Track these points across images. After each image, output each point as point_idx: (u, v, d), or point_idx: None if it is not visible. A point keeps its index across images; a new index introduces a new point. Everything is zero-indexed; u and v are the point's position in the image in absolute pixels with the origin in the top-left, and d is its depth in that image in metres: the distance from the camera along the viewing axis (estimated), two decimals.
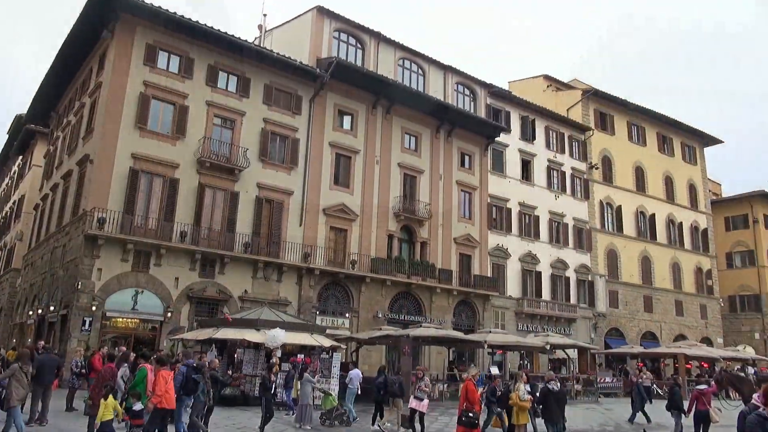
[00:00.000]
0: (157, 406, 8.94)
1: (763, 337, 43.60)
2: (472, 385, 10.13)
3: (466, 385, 10.10)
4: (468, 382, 10.15)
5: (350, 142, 27.88)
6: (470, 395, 9.85)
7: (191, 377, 10.35)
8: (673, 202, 42.67)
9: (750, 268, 45.48)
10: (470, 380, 10.26)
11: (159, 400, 8.91)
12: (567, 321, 34.26)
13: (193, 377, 10.40)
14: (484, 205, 32.46)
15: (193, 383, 10.34)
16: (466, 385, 10.10)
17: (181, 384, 9.99)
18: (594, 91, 39.70)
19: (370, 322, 26.17)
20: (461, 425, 9.77)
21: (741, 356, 33.64)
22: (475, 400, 9.90)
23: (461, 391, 10.15)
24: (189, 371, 10.45)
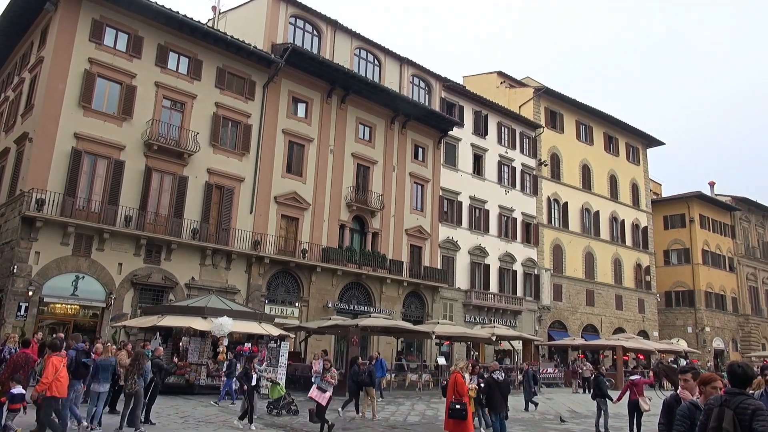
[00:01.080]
0: (46, 394, 8.43)
1: (695, 330, 45.88)
2: (461, 377, 10.22)
3: (454, 377, 10.19)
4: (456, 374, 10.25)
5: (304, 130, 27.60)
6: (459, 387, 9.99)
7: (81, 361, 10.00)
8: (617, 201, 44.22)
9: (685, 265, 47.70)
10: (458, 372, 10.36)
11: (44, 387, 8.42)
12: (513, 313, 35.09)
13: (83, 361, 10.06)
14: (436, 197, 32.79)
15: (83, 367, 10.01)
16: (454, 377, 10.19)
17: (69, 368, 9.39)
18: (545, 90, 40.60)
19: (320, 312, 26.11)
20: (451, 417, 9.91)
21: (675, 349, 35.37)
22: (463, 392, 10.02)
23: (449, 383, 10.26)
24: (78, 355, 10.09)
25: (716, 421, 3.83)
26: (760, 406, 3.79)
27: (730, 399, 3.87)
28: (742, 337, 49.72)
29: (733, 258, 51.13)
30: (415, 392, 22.19)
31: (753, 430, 3.69)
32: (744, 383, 3.97)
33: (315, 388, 11.65)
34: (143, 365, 10.61)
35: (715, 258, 49.09)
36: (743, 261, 52.04)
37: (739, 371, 4.00)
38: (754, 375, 4.12)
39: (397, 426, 13.45)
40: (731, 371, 4.06)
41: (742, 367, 4.04)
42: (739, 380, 3.98)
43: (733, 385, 3.98)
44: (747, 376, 3.99)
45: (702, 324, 45.93)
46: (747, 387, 3.99)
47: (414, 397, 20.00)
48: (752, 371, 4.11)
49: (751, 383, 4.03)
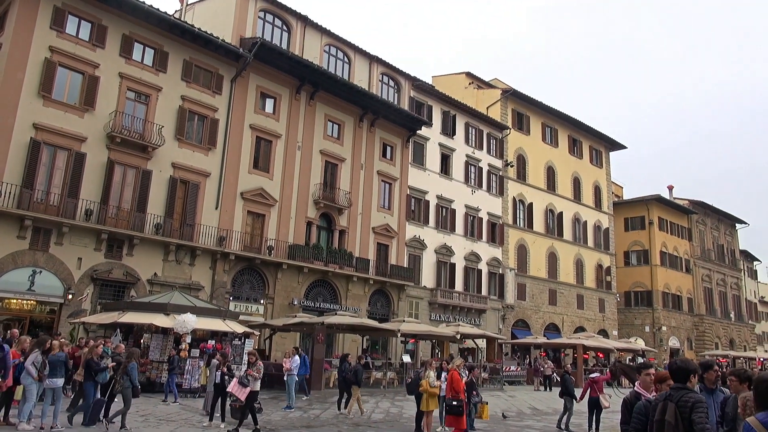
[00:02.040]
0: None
1: (652, 330, 47.23)
2: (458, 374, 10.50)
3: (451, 374, 10.49)
4: (453, 372, 10.52)
5: (272, 125, 27.36)
6: (455, 384, 10.29)
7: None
8: (580, 202, 45.15)
9: (644, 266, 49.03)
10: (455, 370, 10.60)
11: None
12: (478, 312, 35.51)
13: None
14: (403, 196, 32.93)
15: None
16: (451, 374, 10.49)
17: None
18: (513, 92, 41.16)
19: (285, 309, 25.95)
20: (449, 414, 10.24)
21: (633, 347, 36.32)
22: (460, 389, 10.28)
23: (447, 381, 10.57)
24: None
25: (660, 414, 4.02)
26: (700, 399, 4.01)
27: (673, 393, 4.08)
28: (697, 337, 51.40)
29: (689, 260, 52.79)
30: (379, 390, 22.26)
31: (692, 420, 3.90)
32: (684, 378, 4.19)
33: (235, 382, 10.96)
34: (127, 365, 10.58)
35: (673, 260, 50.60)
36: (699, 263, 53.78)
37: (675, 367, 4.22)
38: (694, 369, 4.33)
39: (361, 424, 13.49)
40: (672, 368, 4.28)
41: (679, 363, 4.26)
42: (679, 375, 4.19)
43: (676, 381, 4.19)
44: (685, 371, 4.21)
45: (659, 323, 47.30)
46: (688, 381, 4.20)
47: (378, 395, 20.07)
48: (692, 365, 4.34)
49: (690, 378, 4.24)
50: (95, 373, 10.87)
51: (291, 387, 15.43)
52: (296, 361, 16.17)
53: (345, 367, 15.33)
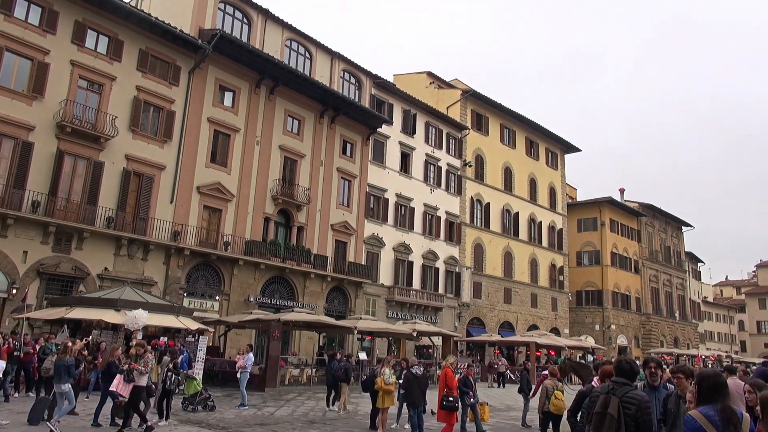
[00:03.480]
0: None
1: (602, 328, 48.67)
2: (451, 371, 10.67)
3: (444, 371, 10.70)
4: (447, 369, 10.72)
5: (230, 119, 26.93)
6: (449, 381, 10.50)
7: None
8: (535, 203, 46.10)
9: (595, 266, 50.47)
10: (449, 368, 10.81)
11: None
12: (434, 309, 35.86)
13: None
14: (362, 193, 32.93)
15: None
16: (444, 371, 10.70)
17: None
18: (472, 92, 41.67)
19: (241, 306, 25.61)
20: (443, 409, 10.39)
21: (583, 345, 37.29)
22: (453, 386, 10.52)
23: (440, 378, 10.79)
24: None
25: (602, 407, 4.17)
26: (645, 399, 4.17)
27: (617, 388, 4.23)
28: (644, 335, 53.26)
29: (638, 261, 54.59)
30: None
31: (639, 420, 4.06)
32: (631, 377, 4.38)
33: (119, 378, 10.16)
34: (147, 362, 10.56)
35: (623, 260, 52.25)
36: (647, 264, 55.68)
37: (627, 367, 4.43)
38: (639, 371, 4.56)
39: (316, 421, 13.45)
40: (619, 367, 4.47)
41: (629, 363, 4.47)
42: (627, 374, 4.38)
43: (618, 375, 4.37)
44: (633, 372, 4.44)
45: (608, 322, 48.78)
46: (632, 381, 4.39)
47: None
48: (638, 367, 4.57)
49: (635, 378, 4.46)
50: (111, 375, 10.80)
51: (244, 384, 15.25)
52: (250, 358, 15.99)
53: (334, 365, 15.58)
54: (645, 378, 6.24)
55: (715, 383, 3.91)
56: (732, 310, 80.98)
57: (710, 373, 4.06)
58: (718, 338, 75.83)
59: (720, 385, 3.89)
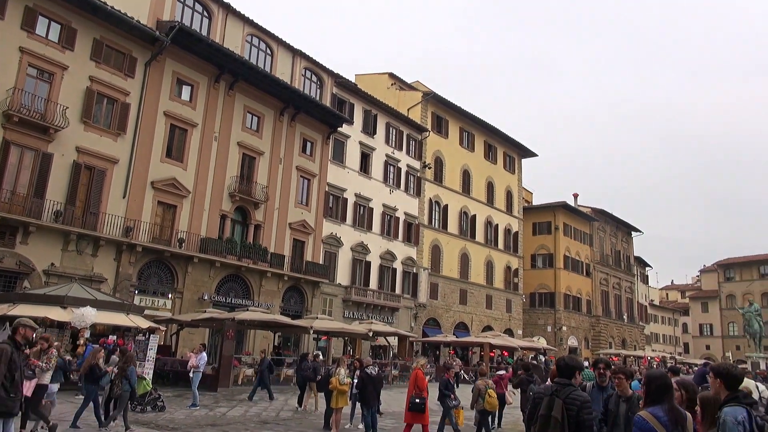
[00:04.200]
0: None
1: (554, 329, 49.82)
2: (421, 372, 10.80)
3: (415, 372, 10.77)
4: (417, 371, 10.79)
5: (188, 114, 26.39)
6: (419, 382, 10.57)
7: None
8: (492, 206, 46.84)
9: (549, 269, 51.62)
10: (419, 369, 10.90)
11: None
12: (391, 310, 36.00)
13: None
14: (321, 193, 32.78)
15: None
16: (415, 372, 10.77)
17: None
18: (433, 95, 42.03)
19: (195, 304, 25.14)
20: (411, 410, 10.41)
21: (536, 346, 38.11)
22: (423, 387, 10.58)
23: (411, 378, 10.84)
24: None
25: (546, 409, 4.27)
26: (587, 398, 4.29)
27: (560, 389, 4.33)
28: (593, 336, 54.77)
29: (589, 264, 56.11)
30: (289, 387, 22.04)
31: (580, 420, 4.15)
32: (570, 374, 4.47)
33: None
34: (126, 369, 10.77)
35: (575, 263, 53.61)
36: (598, 267, 57.30)
37: (563, 364, 4.52)
38: (579, 366, 4.64)
39: (269, 421, 13.33)
40: (559, 365, 4.57)
41: (565, 360, 4.56)
42: (565, 372, 4.48)
43: (561, 376, 4.47)
44: (570, 368, 4.50)
45: (560, 323, 49.98)
46: (573, 378, 4.48)
47: (288, 392, 19.88)
48: (577, 363, 4.66)
49: (575, 373, 4.52)
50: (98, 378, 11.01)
51: (196, 384, 14.99)
52: (203, 357, 15.73)
53: (304, 365, 15.64)
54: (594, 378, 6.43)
55: (663, 384, 4.07)
56: (676, 313, 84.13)
57: (657, 375, 4.22)
58: (663, 340, 78.67)
59: (667, 386, 4.05)
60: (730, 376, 4.00)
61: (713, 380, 4.13)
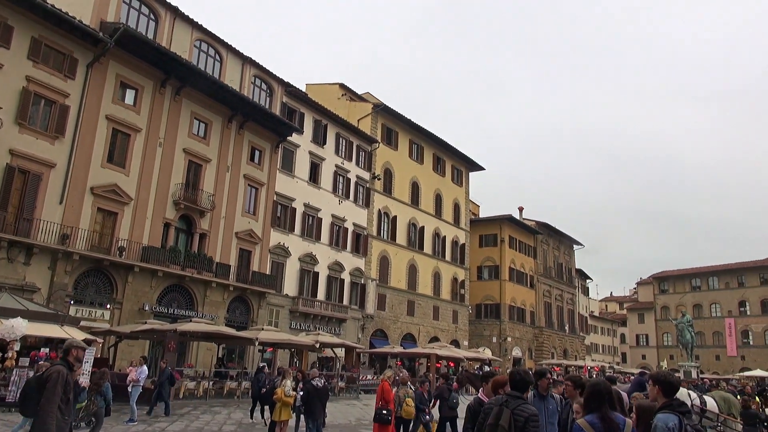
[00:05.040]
0: None
1: (499, 340, 50.68)
2: (388, 385, 10.86)
3: (382, 385, 10.87)
4: (384, 383, 10.89)
5: (131, 118, 25.59)
6: (386, 395, 10.68)
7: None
8: (440, 218, 47.42)
9: (494, 280, 52.59)
10: (386, 381, 10.96)
11: None
12: (338, 321, 35.79)
13: None
14: (270, 202, 32.37)
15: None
16: (382, 385, 10.87)
17: None
18: (383, 107, 42.33)
19: (135, 315, 24.25)
20: (377, 422, 10.43)
21: (481, 357, 38.60)
22: (389, 399, 10.65)
23: (378, 391, 10.92)
24: None
25: (495, 419, 4.34)
26: (534, 412, 4.38)
27: (510, 401, 4.41)
28: (536, 347, 56.04)
29: (533, 276, 57.51)
30: (233, 400, 21.55)
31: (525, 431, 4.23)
32: (523, 389, 4.56)
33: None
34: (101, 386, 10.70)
35: (519, 275, 54.83)
36: (541, 279, 58.79)
37: (518, 378, 4.61)
38: (533, 381, 4.76)
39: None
40: (513, 378, 4.65)
41: (522, 374, 4.65)
42: (518, 385, 4.56)
43: (513, 389, 4.54)
44: (525, 383, 4.60)
45: (505, 334, 50.90)
46: (525, 392, 4.58)
47: (232, 405, 19.43)
48: (531, 378, 4.75)
49: (528, 388, 4.64)
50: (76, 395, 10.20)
51: (134, 399, 14.44)
52: (143, 371, 15.18)
53: (261, 377, 15.49)
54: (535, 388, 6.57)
55: (597, 392, 4.22)
56: (615, 324, 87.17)
57: (594, 383, 4.37)
58: (602, 350, 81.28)
59: (599, 394, 4.20)
60: (668, 383, 4.20)
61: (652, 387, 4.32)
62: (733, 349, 69.86)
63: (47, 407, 5.31)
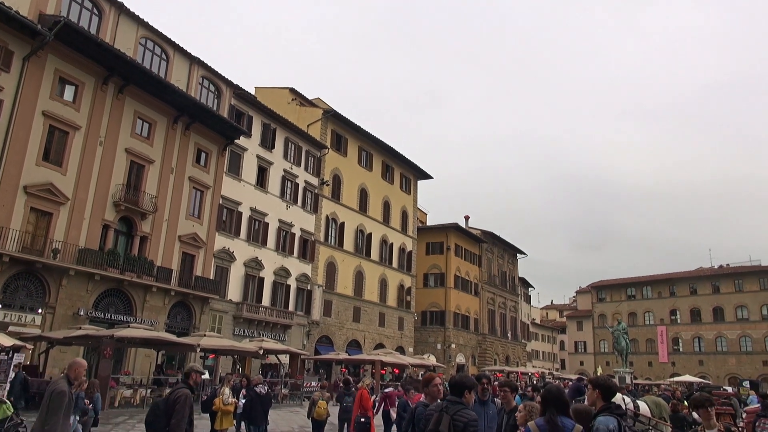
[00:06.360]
0: None
1: (443, 347, 51.24)
2: (367, 392, 11.13)
3: (360, 392, 11.08)
4: (363, 390, 11.12)
5: (70, 115, 24.61)
6: (364, 402, 10.87)
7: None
8: (388, 225, 47.67)
9: (440, 288, 53.21)
10: (365, 389, 11.23)
11: None
12: (283, 327, 35.36)
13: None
14: (215, 205, 31.73)
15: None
16: (360, 392, 11.08)
17: None
18: (333, 113, 42.29)
19: (69, 320, 23.25)
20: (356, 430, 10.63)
21: (425, 363, 38.91)
22: (368, 407, 10.84)
23: (356, 398, 11.17)
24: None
25: (435, 425, 4.42)
26: (474, 417, 4.49)
27: (450, 406, 4.50)
28: (480, 353, 56.96)
29: (478, 284, 58.51)
30: None
31: None
32: (460, 392, 4.65)
33: None
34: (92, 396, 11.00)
35: (465, 283, 55.68)
36: (485, 287, 59.88)
37: (454, 382, 4.72)
38: (470, 385, 4.84)
39: None
40: (451, 383, 4.76)
41: (458, 378, 4.76)
42: (456, 389, 4.67)
43: (453, 394, 4.64)
44: (462, 386, 4.69)
45: (449, 341, 51.51)
46: (462, 396, 4.67)
47: None
48: (468, 382, 4.84)
49: (465, 393, 4.72)
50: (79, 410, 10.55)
51: None
52: None
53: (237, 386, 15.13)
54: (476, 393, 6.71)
55: (545, 398, 4.40)
56: (555, 331, 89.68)
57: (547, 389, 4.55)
58: (542, 357, 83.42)
59: (547, 399, 4.37)
60: (607, 387, 4.42)
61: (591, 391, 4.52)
62: (665, 355, 73.06)
63: (176, 428, 5.87)
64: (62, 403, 5.62)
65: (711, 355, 70.20)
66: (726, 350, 69.45)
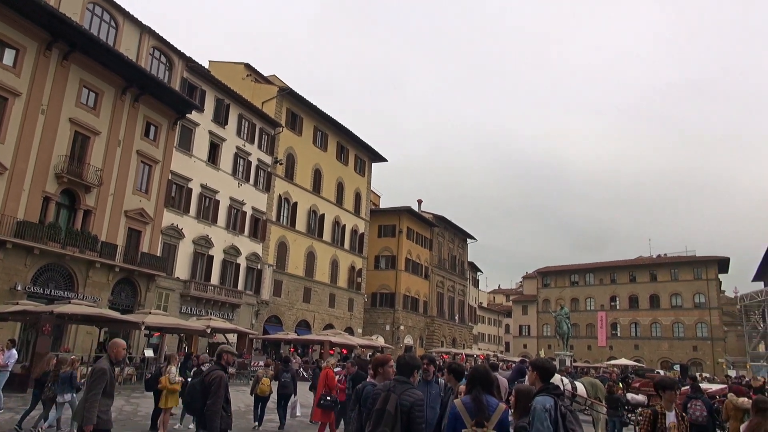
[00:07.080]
0: None
1: (392, 328, 51.88)
2: (332, 372, 11.37)
3: (325, 371, 11.25)
4: (328, 370, 11.35)
5: (10, 80, 23.40)
6: (329, 381, 11.00)
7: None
8: (341, 206, 47.61)
9: (391, 270, 53.69)
10: (329, 368, 11.50)
11: None
12: (232, 306, 35.02)
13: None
14: (164, 181, 30.92)
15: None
16: (325, 371, 11.25)
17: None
18: (289, 91, 41.68)
19: (6, 295, 22.36)
20: (320, 407, 10.71)
21: (374, 344, 39.35)
22: (332, 386, 10.99)
23: (320, 377, 11.28)
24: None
25: (382, 403, 4.54)
26: (420, 397, 4.62)
27: (397, 386, 4.62)
28: (428, 335, 57.99)
29: (428, 267, 59.32)
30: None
31: (411, 417, 4.47)
32: (408, 373, 4.77)
33: None
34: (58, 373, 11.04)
35: (415, 266, 56.34)
36: (435, 270, 60.78)
37: (403, 362, 4.84)
38: (418, 366, 4.96)
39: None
40: (399, 362, 4.88)
41: (407, 359, 4.87)
42: (404, 370, 4.78)
43: (400, 374, 4.77)
44: (410, 366, 4.81)
45: (398, 323, 52.19)
46: (411, 376, 4.79)
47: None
48: (416, 362, 4.97)
49: (414, 373, 4.82)
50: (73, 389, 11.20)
51: (0, 385, 13.38)
52: (12, 355, 14.10)
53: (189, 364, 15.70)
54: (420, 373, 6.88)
55: (472, 377, 4.57)
56: (501, 315, 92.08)
57: (473, 369, 4.72)
58: (488, 339, 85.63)
59: (474, 378, 4.56)
60: (545, 369, 4.66)
61: (531, 372, 4.74)
62: (603, 339, 76.19)
63: (213, 408, 6.10)
64: (102, 381, 5.98)
65: (646, 339, 73.68)
66: (660, 335, 73.02)
